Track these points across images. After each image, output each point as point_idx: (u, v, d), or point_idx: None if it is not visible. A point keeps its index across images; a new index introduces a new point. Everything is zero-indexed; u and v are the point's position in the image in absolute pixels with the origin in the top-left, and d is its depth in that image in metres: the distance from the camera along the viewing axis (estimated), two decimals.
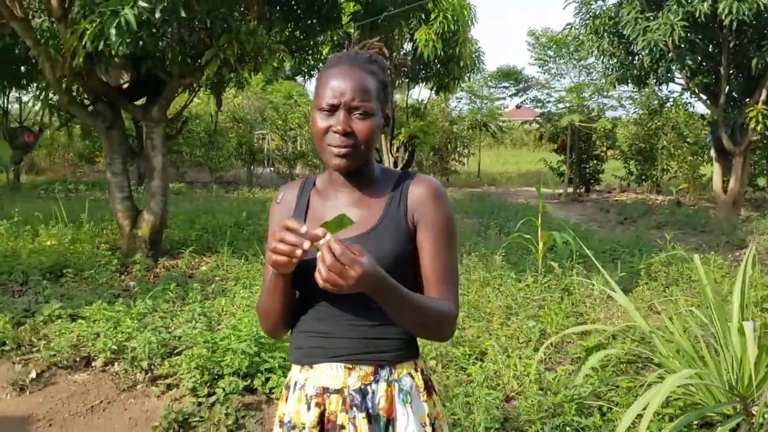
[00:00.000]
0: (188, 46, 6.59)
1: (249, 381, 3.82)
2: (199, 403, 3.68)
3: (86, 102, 7.24)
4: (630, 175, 17.66)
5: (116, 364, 4.27)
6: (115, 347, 4.34)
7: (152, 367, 4.15)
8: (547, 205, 14.26)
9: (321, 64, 10.08)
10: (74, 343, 4.51)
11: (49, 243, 7.45)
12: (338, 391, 1.53)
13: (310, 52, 9.10)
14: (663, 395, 2.69)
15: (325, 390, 1.54)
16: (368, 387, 1.54)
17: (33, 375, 4.18)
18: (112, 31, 5.31)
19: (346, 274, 1.28)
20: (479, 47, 15.22)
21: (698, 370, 3.10)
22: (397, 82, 15.40)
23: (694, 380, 3.09)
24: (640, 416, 2.62)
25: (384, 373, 1.55)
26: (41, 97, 15.16)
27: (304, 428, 1.54)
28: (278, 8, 7.42)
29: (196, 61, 6.52)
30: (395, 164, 15.59)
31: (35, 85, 14.69)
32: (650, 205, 14.29)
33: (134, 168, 15.14)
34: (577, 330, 4.17)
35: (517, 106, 19.56)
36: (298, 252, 1.34)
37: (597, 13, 12.52)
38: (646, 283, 6.34)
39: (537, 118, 18.81)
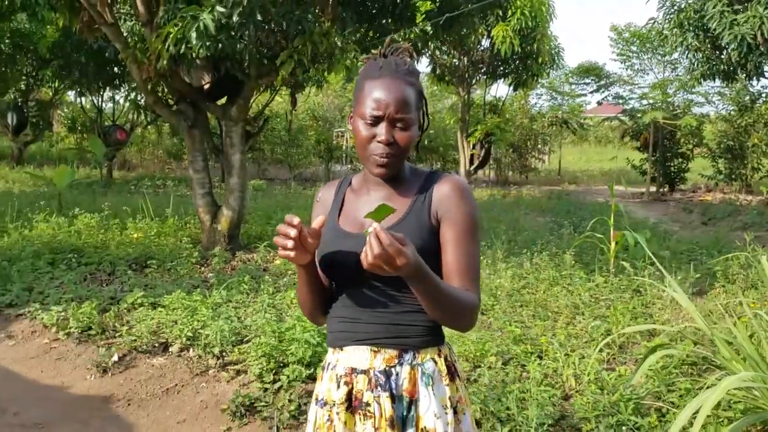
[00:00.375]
0: (265, 48, 6.83)
1: (311, 369, 3.98)
2: (265, 389, 3.87)
3: (170, 102, 7.61)
4: (718, 174, 16.97)
5: (191, 349, 4.51)
6: (190, 334, 4.59)
7: (223, 353, 4.37)
8: (627, 204, 13.95)
9: None
10: (154, 330, 4.79)
11: (135, 236, 7.88)
12: (365, 372, 1.64)
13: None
14: (718, 396, 2.66)
15: (353, 370, 1.65)
16: (392, 369, 1.64)
17: (115, 358, 4.48)
18: (193, 34, 5.60)
19: (392, 262, 1.39)
20: (558, 43, 14.98)
21: (760, 373, 3.03)
22: (475, 78, 15.36)
23: (756, 383, 3.03)
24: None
25: (408, 356, 1.65)
26: (129, 98, 16.02)
27: (334, 405, 1.66)
28: (352, 9, 7.57)
29: (273, 62, 6.75)
30: (471, 161, 15.54)
31: (126, 85, 15.51)
32: (737, 205, 13.71)
33: (219, 165, 15.72)
34: (634, 329, 4.13)
35: (598, 103, 19.10)
36: (289, 243, 1.49)
37: (682, 6, 12.11)
38: (723, 286, 6.14)
39: (619, 115, 18.32)
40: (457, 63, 15.05)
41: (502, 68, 14.68)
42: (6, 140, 20.26)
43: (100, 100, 17.30)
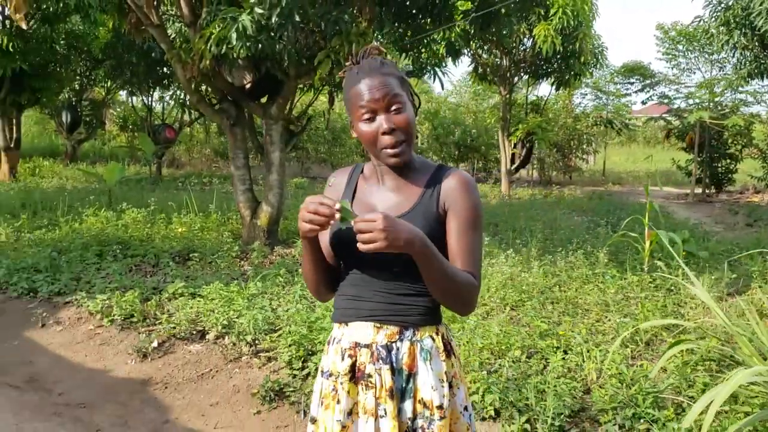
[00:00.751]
0: (303, 48, 7.00)
1: None
2: (294, 375, 4.03)
3: (213, 101, 7.86)
4: None
5: (226, 337, 4.70)
6: (226, 322, 4.79)
7: (256, 341, 4.55)
8: (670, 205, 13.76)
9: (436, 62, 10.29)
10: (192, 318, 5.00)
11: (180, 230, 8.16)
12: (368, 346, 1.78)
13: (423, 50, 9.33)
14: (729, 390, 2.70)
15: (357, 344, 1.79)
16: (393, 344, 1.78)
17: (155, 344, 4.70)
18: (233, 35, 5.80)
19: (369, 226, 1.56)
20: (602, 42, 14.84)
21: None
22: (517, 78, 15.33)
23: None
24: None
25: (408, 333, 1.78)
26: (174, 97, 16.45)
27: (339, 375, 1.80)
28: (390, 9, 7.70)
29: (311, 61, 6.92)
30: (512, 160, 15.51)
31: (174, 85, 15.94)
32: None
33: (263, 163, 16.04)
34: (651, 324, 4.16)
35: (643, 102, 18.82)
36: (322, 221, 1.63)
37: (729, 4, 11.90)
38: (760, 286, 6.07)
39: (664, 115, 18.01)
40: (498, 62, 15.04)
41: (544, 68, 14.62)
42: (61, 138, 20.96)
43: (150, 99, 17.79)
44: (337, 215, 1.62)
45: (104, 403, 3.98)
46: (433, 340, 1.81)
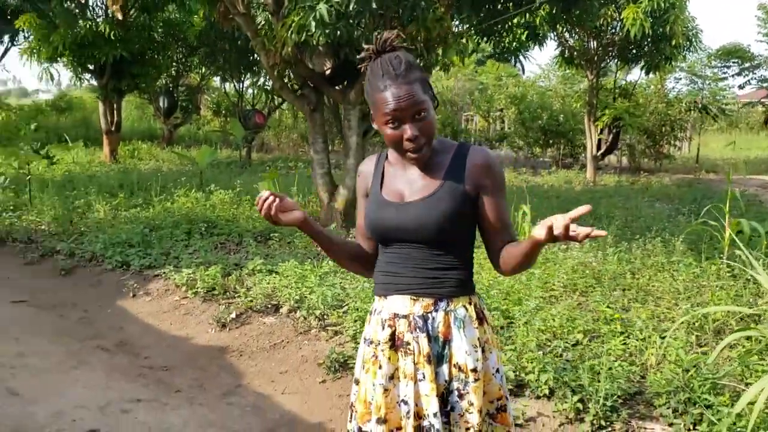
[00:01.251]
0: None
1: None
2: (357, 349, 4.22)
3: (295, 87, 8.14)
4: None
5: (298, 311, 4.95)
6: (298, 297, 5.04)
7: (324, 316, 4.78)
8: (765, 194, 13.12)
9: (517, 46, 10.22)
10: (268, 293, 5.29)
11: None
12: (405, 317, 1.93)
13: (503, 34, 9.30)
14: None
15: (396, 315, 1.95)
16: (429, 314, 1.92)
17: (233, 315, 5.01)
18: (312, 23, 6.02)
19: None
20: (696, 25, 14.23)
21: None
22: (604, 62, 14.95)
23: None
24: None
25: (442, 304, 1.93)
26: (257, 83, 16.95)
27: (379, 343, 1.96)
28: None
29: None
30: (598, 146, 15.18)
31: (263, 71, 16.45)
32: None
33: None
34: (711, 311, 4.10)
35: (740, 87, 17.94)
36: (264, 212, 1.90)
37: None
38: None
39: (764, 99, 17.13)
40: (586, 46, 14.71)
41: (634, 51, 14.19)
42: (159, 122, 21.99)
43: (241, 85, 18.42)
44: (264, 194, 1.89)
45: (184, 367, 4.30)
46: (466, 309, 1.95)
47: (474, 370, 1.90)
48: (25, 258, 6.83)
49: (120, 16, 8.19)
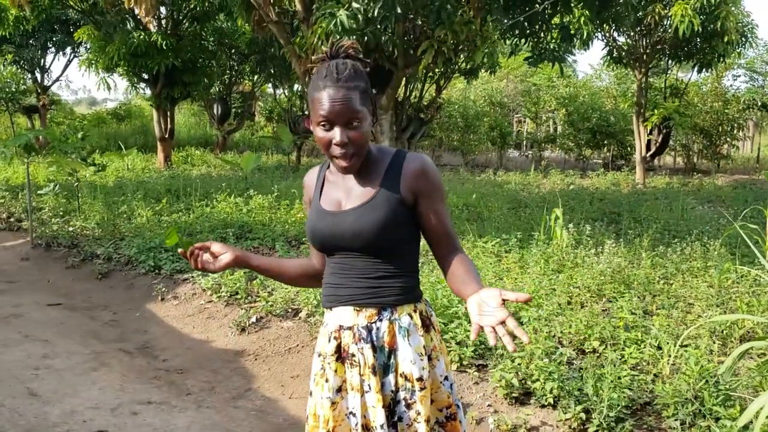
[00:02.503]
0: (411, 38, 7.17)
1: None
2: None
3: None
4: None
5: (316, 315, 4.99)
6: (316, 302, 5.08)
7: None
8: None
9: (557, 47, 10.05)
10: (291, 297, 5.35)
11: (299, 215, 8.63)
12: (350, 328, 1.93)
13: (541, 36, 9.17)
14: None
15: (341, 327, 1.95)
16: (373, 324, 1.91)
17: (253, 319, 5.09)
18: (335, 29, 6.07)
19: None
20: (751, 20, 13.72)
21: None
22: (653, 60, 14.56)
23: None
24: None
25: (386, 313, 1.91)
26: (291, 88, 17.15)
27: (326, 356, 1.96)
28: None
29: (417, 51, 7.06)
30: (648, 147, 14.78)
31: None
32: None
33: None
34: (721, 319, 3.94)
35: None
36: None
37: None
38: None
39: None
40: (634, 44, 14.36)
41: (685, 49, 13.77)
42: (213, 129, 22.51)
43: (290, 91, 18.70)
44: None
45: (198, 370, 4.40)
46: (411, 317, 1.93)
47: (420, 379, 1.88)
48: (67, 262, 7.10)
49: (153, 28, 8.44)
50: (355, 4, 5.83)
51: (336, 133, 1.81)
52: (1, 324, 5.25)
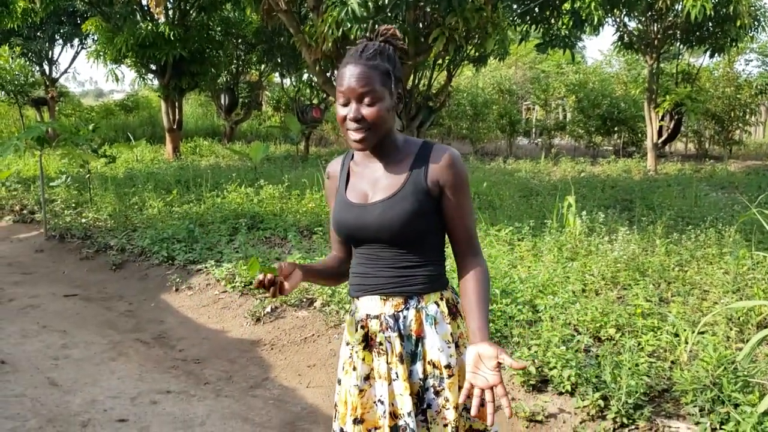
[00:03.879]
0: (421, 26, 7.13)
1: None
2: None
3: None
4: None
5: (331, 305, 5.00)
6: (330, 291, 5.09)
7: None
8: None
9: (568, 34, 9.98)
10: (305, 287, 5.35)
11: (310, 205, 8.63)
12: (377, 317, 1.94)
13: (552, 22, 9.11)
14: None
15: (368, 316, 1.95)
16: (400, 313, 1.92)
17: (268, 309, 5.11)
18: (347, 17, 6.04)
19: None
20: (764, 3, 13.60)
21: None
22: (665, 46, 14.44)
23: None
24: None
25: (413, 302, 1.92)
26: (299, 78, 17.12)
27: (354, 344, 1.97)
28: None
29: (428, 39, 7.03)
30: (659, 133, 14.69)
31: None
32: None
33: None
34: (738, 305, 3.92)
35: None
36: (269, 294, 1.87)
37: None
38: None
39: None
40: (646, 29, 14.23)
41: (697, 34, 13.64)
42: (221, 120, 22.51)
43: (298, 80, 18.66)
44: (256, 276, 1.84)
45: (215, 360, 4.42)
46: (438, 305, 1.93)
47: (448, 366, 1.89)
48: (81, 253, 7.13)
49: (162, 18, 8.43)
50: None
51: (351, 109, 1.83)
52: (18, 315, 5.28)
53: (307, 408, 3.75)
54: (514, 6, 7.96)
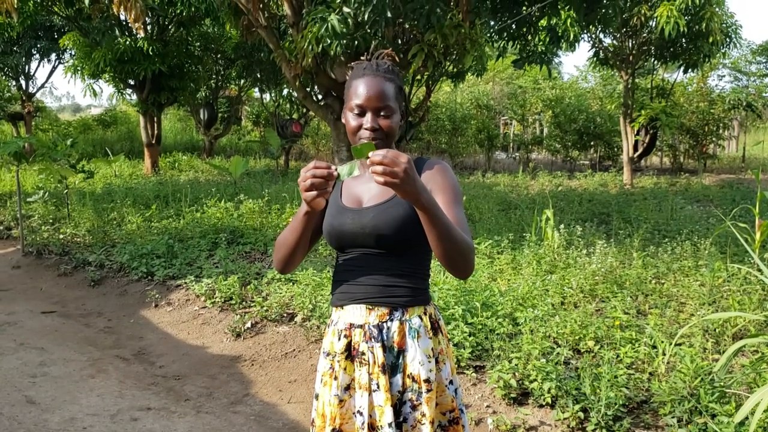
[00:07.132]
0: (400, 43, 7.19)
1: None
2: None
3: (318, 97, 8.24)
4: None
5: (311, 319, 5.00)
6: (311, 306, 5.09)
7: None
8: None
9: (544, 50, 10.13)
10: (286, 302, 5.35)
11: (290, 220, 8.62)
12: (361, 326, 1.95)
13: (528, 38, 9.24)
14: None
15: (352, 325, 1.97)
16: (384, 324, 1.94)
17: (248, 324, 5.10)
18: (327, 33, 6.09)
19: (396, 162, 1.62)
20: (735, 21, 13.88)
21: None
22: (639, 61, 14.68)
23: None
24: None
25: (397, 314, 1.94)
26: (279, 92, 17.16)
27: (335, 354, 1.98)
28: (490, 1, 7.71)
29: (407, 55, 7.09)
30: (635, 147, 14.89)
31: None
32: None
33: None
34: (714, 317, 3.98)
35: None
36: (323, 184, 1.70)
37: None
38: None
39: None
40: (620, 45, 14.46)
41: (670, 50, 13.90)
42: (199, 134, 22.43)
43: (277, 95, 18.68)
44: (335, 171, 1.71)
45: (196, 376, 4.39)
46: (421, 319, 1.96)
47: (427, 381, 1.91)
48: (59, 270, 7.06)
49: (142, 33, 8.43)
50: (345, 9, 5.85)
51: (367, 119, 1.89)
52: None
53: (288, 424, 3.74)
54: (492, 23, 8.06)
